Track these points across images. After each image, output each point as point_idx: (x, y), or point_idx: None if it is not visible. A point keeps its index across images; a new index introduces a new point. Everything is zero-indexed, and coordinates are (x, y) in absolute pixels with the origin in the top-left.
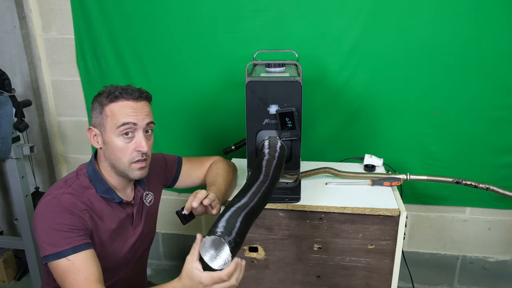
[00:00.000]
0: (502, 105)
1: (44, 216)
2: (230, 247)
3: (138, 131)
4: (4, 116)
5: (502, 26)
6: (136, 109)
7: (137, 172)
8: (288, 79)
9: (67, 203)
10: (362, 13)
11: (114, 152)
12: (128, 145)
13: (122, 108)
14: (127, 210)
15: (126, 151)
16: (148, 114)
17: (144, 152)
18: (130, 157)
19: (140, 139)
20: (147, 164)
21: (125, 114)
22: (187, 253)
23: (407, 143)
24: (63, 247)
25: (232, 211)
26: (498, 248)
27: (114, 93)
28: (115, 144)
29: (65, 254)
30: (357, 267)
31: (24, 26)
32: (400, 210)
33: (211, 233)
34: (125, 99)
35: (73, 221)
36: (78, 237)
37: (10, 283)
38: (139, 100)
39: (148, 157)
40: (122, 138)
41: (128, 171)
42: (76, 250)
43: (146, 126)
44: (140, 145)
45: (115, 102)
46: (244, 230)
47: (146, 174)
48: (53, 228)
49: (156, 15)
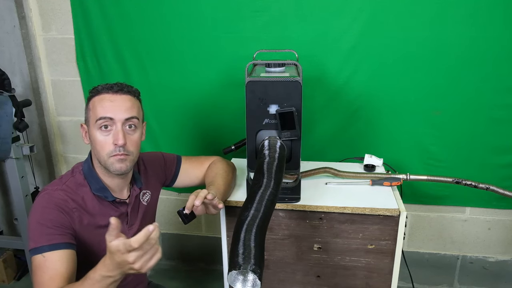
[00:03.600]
0: (502, 105)
1: (34, 211)
2: (256, 274)
3: (116, 124)
4: (4, 116)
5: (502, 26)
6: (113, 101)
7: (116, 165)
8: (288, 79)
9: (58, 199)
10: (362, 13)
11: (96, 146)
12: (106, 138)
13: (100, 101)
14: (120, 209)
15: (105, 144)
16: (128, 108)
17: (120, 145)
18: (108, 150)
19: (117, 132)
20: (128, 159)
21: (103, 107)
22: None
23: (407, 143)
24: (42, 243)
25: (245, 230)
26: (498, 248)
27: (97, 87)
28: (95, 138)
29: (41, 250)
30: (357, 267)
31: (24, 26)
32: (400, 210)
33: (235, 265)
34: (105, 92)
35: (60, 218)
36: (59, 235)
37: (10, 283)
38: (118, 93)
39: (129, 153)
40: (100, 131)
41: (108, 165)
42: (53, 248)
43: (125, 121)
44: (116, 137)
45: (96, 95)
46: (260, 246)
47: (127, 169)
48: (38, 224)
49: (156, 15)
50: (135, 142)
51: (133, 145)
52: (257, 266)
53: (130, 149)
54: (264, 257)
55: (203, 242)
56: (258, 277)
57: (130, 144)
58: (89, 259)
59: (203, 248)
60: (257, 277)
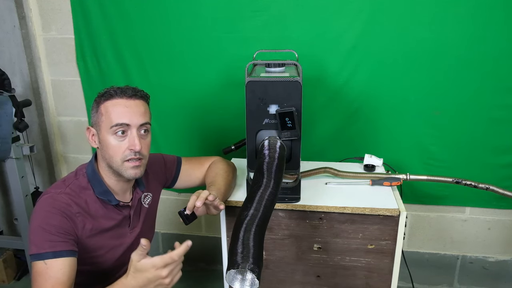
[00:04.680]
0: (501, 105)
1: (36, 215)
2: (255, 273)
3: (131, 129)
4: (4, 116)
5: (502, 26)
6: (129, 107)
7: (130, 171)
8: (288, 79)
9: (62, 203)
10: (362, 13)
11: (108, 151)
12: (121, 143)
13: (115, 106)
14: (123, 212)
15: (119, 150)
16: (142, 114)
17: (137, 151)
18: (122, 155)
19: (133, 137)
20: (142, 164)
21: (118, 113)
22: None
23: (407, 143)
24: (44, 249)
25: (244, 230)
26: (498, 248)
27: (110, 91)
28: (109, 143)
29: (43, 257)
30: (357, 267)
31: (24, 26)
32: (400, 210)
33: (234, 264)
34: (119, 97)
35: (63, 224)
36: (62, 242)
37: (10, 283)
38: (132, 98)
39: (143, 156)
40: (115, 136)
41: (122, 170)
42: (55, 256)
43: (140, 126)
44: (133, 143)
45: (109, 100)
46: (259, 246)
47: (141, 174)
48: (41, 228)
49: (156, 15)
50: (147, 145)
51: (146, 149)
52: (256, 266)
53: (144, 153)
54: (263, 256)
55: (203, 242)
56: (256, 276)
57: (144, 148)
58: (89, 262)
59: (203, 248)
60: (256, 277)
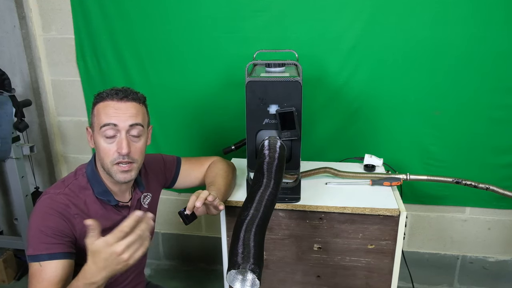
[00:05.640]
0: (501, 105)
1: (34, 216)
2: (256, 274)
3: (120, 132)
4: (4, 116)
5: (502, 26)
6: (118, 109)
7: (119, 175)
8: (288, 79)
9: (60, 204)
10: (362, 13)
11: (99, 153)
12: (110, 146)
13: (105, 108)
14: (123, 212)
15: (108, 152)
16: (132, 115)
17: (123, 154)
18: (111, 158)
19: (121, 140)
20: (132, 168)
21: (107, 114)
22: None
23: (407, 143)
24: (40, 251)
25: (244, 230)
26: (498, 248)
27: (102, 93)
28: (99, 144)
29: (39, 258)
30: (357, 267)
31: (24, 26)
32: (400, 210)
33: (234, 264)
34: (109, 99)
35: (60, 226)
36: (58, 244)
37: (10, 283)
38: (123, 100)
39: (134, 160)
40: (104, 138)
41: (112, 173)
42: (50, 258)
43: (130, 128)
44: (120, 146)
45: (101, 102)
46: (260, 246)
47: (131, 179)
48: (38, 230)
49: (156, 15)
50: (139, 149)
51: (137, 153)
52: (256, 266)
53: (135, 157)
54: (263, 256)
55: (203, 242)
56: (257, 276)
57: (134, 152)
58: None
59: (203, 248)
60: (256, 277)
